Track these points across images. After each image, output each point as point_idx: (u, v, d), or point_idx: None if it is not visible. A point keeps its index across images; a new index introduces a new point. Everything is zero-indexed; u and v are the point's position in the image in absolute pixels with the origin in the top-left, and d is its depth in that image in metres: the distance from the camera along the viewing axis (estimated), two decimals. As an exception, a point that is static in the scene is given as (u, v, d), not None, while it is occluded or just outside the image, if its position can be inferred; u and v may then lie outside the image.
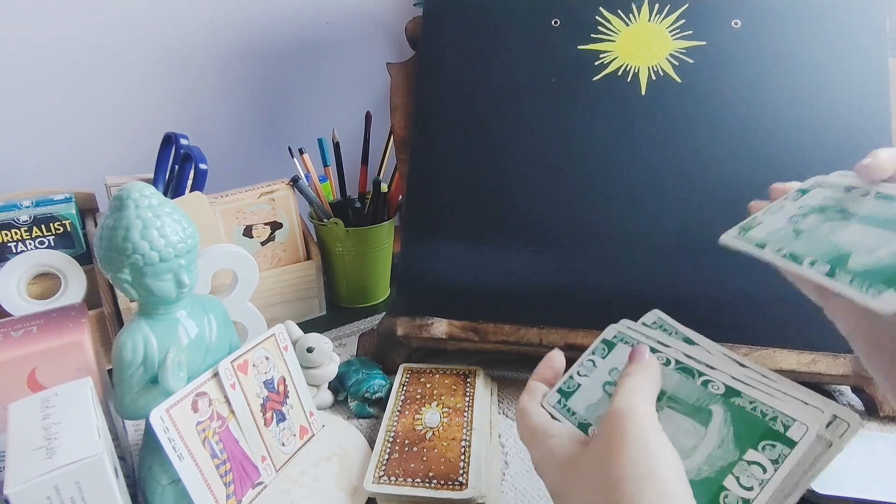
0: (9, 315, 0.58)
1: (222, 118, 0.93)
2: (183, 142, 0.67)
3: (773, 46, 0.55)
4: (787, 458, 0.27)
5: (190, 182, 0.64)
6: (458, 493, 0.42)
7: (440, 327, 0.56)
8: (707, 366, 0.33)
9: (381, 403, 0.55)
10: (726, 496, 0.27)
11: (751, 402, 0.30)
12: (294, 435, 0.48)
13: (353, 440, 0.50)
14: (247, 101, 0.94)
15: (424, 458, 0.45)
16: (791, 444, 0.27)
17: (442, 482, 0.43)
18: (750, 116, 0.54)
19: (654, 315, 0.39)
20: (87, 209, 0.71)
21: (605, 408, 0.31)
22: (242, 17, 0.90)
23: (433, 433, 0.48)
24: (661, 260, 0.53)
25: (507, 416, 0.54)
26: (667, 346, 0.36)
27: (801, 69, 0.54)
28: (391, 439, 0.48)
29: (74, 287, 0.61)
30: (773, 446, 0.28)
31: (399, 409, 0.51)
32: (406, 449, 0.47)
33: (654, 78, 0.56)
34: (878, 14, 0.54)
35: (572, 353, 0.54)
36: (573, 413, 0.35)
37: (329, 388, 0.57)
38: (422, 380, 0.55)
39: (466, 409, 0.51)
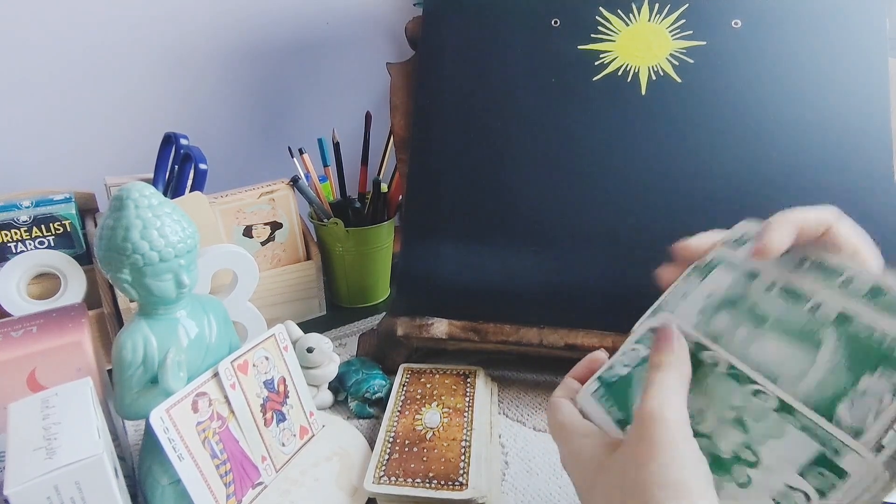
0: (9, 315, 0.58)
1: (222, 118, 0.93)
2: (183, 142, 0.67)
3: (773, 46, 0.55)
4: (835, 489, 0.25)
5: (190, 182, 0.64)
6: (458, 493, 0.42)
7: (440, 327, 0.56)
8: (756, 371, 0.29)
9: (381, 403, 0.55)
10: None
11: (803, 423, 0.26)
12: (294, 435, 0.48)
13: (353, 440, 0.50)
14: (247, 101, 0.94)
15: (424, 459, 0.45)
16: (842, 474, 0.25)
17: (442, 482, 0.43)
18: (750, 116, 0.54)
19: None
20: (87, 209, 0.71)
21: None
22: (242, 17, 0.90)
23: (433, 433, 0.48)
24: (661, 260, 0.53)
25: (507, 416, 0.54)
26: (717, 345, 0.31)
27: (801, 69, 0.54)
28: (391, 439, 0.48)
29: (74, 287, 0.61)
30: (823, 475, 0.25)
31: (399, 409, 0.51)
32: (406, 449, 0.47)
33: (654, 78, 0.56)
34: (878, 14, 0.54)
35: (572, 353, 0.54)
36: (612, 406, 0.33)
37: (329, 388, 0.57)
38: (422, 380, 0.55)
39: (466, 409, 0.51)
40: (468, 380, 0.55)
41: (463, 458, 0.45)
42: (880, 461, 0.24)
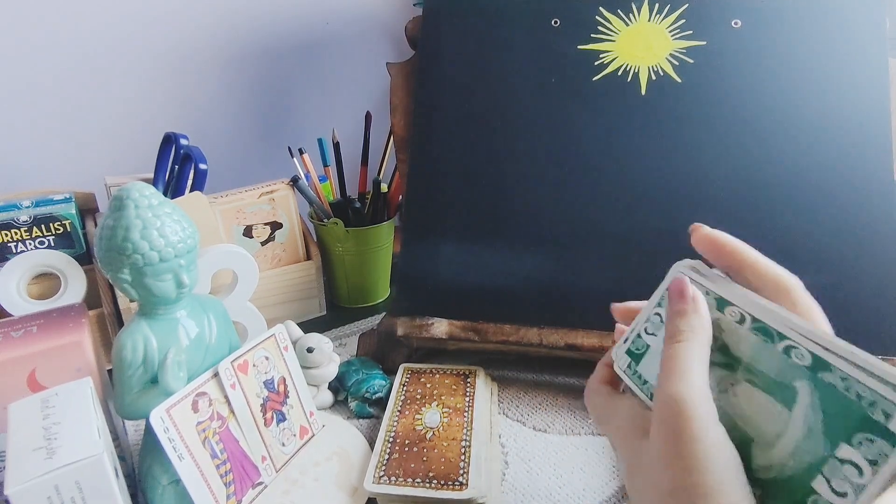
0: (9, 315, 0.58)
1: (222, 118, 0.93)
2: (183, 142, 0.67)
3: (773, 46, 0.55)
4: (889, 458, 0.21)
5: (190, 182, 0.64)
6: (458, 493, 0.42)
7: (440, 327, 0.56)
8: (788, 326, 0.25)
9: (381, 403, 0.55)
10: (815, 502, 0.23)
11: (843, 380, 0.23)
12: (294, 435, 0.48)
13: (353, 440, 0.50)
14: (247, 101, 0.94)
15: (424, 459, 0.45)
16: (894, 440, 0.21)
17: (442, 482, 0.43)
18: (750, 116, 0.54)
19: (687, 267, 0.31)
20: (87, 209, 0.71)
21: None
22: (242, 17, 0.90)
23: (433, 433, 0.48)
24: (660, 260, 0.53)
25: (507, 416, 0.54)
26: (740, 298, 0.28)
27: (801, 69, 0.54)
28: (391, 439, 0.48)
29: (74, 287, 0.61)
30: (872, 442, 0.22)
31: (399, 409, 0.51)
32: (406, 449, 0.47)
33: (654, 78, 0.56)
34: (878, 14, 0.54)
35: (572, 353, 0.54)
36: (645, 381, 0.30)
37: (329, 388, 0.57)
38: (422, 380, 0.55)
39: (466, 409, 0.51)
40: (468, 380, 0.55)
41: (463, 457, 0.45)
42: None
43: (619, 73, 0.57)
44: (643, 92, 0.56)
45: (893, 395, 0.21)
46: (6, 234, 0.60)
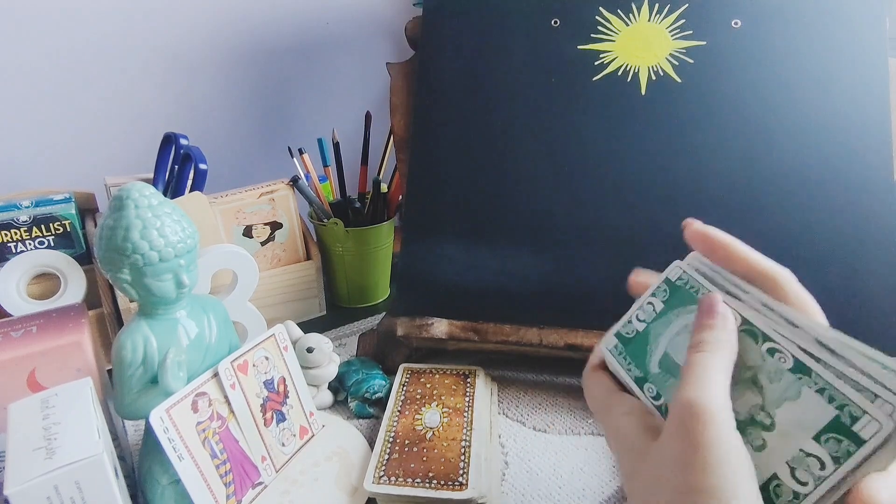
0: (9, 315, 0.58)
1: (222, 118, 0.93)
2: (183, 142, 0.67)
3: (773, 46, 0.55)
4: (851, 456, 0.23)
5: (190, 182, 0.64)
6: (458, 493, 0.42)
7: (440, 327, 0.56)
8: (787, 322, 0.27)
9: (381, 403, 0.55)
10: (778, 486, 0.25)
11: (819, 385, 0.25)
12: (294, 435, 0.48)
13: (352, 440, 0.50)
14: (247, 101, 0.94)
15: (424, 459, 0.45)
16: (859, 441, 0.23)
17: (442, 482, 0.43)
18: (750, 116, 0.54)
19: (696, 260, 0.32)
20: (87, 209, 0.71)
21: (669, 378, 0.28)
22: (243, 16, 0.90)
23: (433, 433, 0.48)
24: (660, 259, 0.53)
25: (507, 416, 0.54)
26: (741, 293, 0.29)
27: (802, 69, 0.54)
28: (391, 439, 0.48)
29: (74, 287, 0.61)
30: (839, 441, 0.24)
31: (399, 409, 0.51)
32: (406, 449, 0.47)
33: (654, 78, 0.56)
34: (878, 14, 0.54)
35: (572, 353, 0.54)
36: (629, 364, 0.32)
37: (329, 388, 0.57)
38: (422, 380, 0.55)
39: (466, 409, 0.51)
40: (468, 380, 0.55)
41: (463, 457, 0.45)
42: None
43: (619, 73, 0.57)
44: (643, 92, 0.56)
45: (862, 400, 0.23)
46: (6, 234, 0.60)
